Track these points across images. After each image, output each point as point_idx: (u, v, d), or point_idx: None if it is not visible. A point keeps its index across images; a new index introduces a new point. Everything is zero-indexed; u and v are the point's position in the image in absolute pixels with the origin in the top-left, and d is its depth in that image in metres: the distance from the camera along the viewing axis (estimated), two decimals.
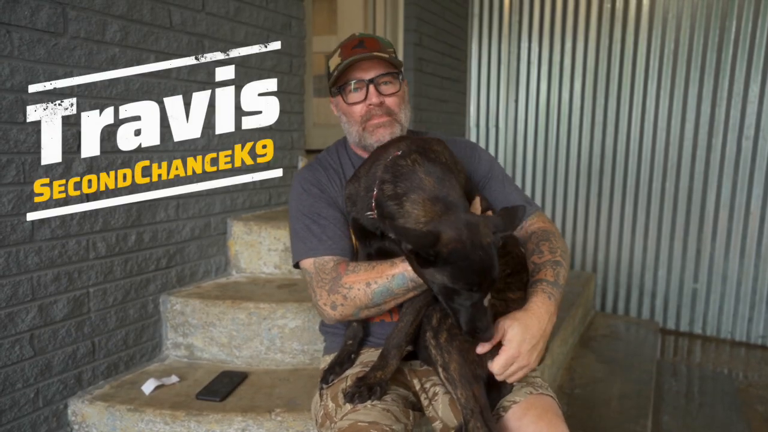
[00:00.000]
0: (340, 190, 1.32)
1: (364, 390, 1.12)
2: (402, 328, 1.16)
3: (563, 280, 1.21)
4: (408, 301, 1.16)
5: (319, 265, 1.23)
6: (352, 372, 1.24)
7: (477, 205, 1.18)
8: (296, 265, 1.30)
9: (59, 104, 1.38)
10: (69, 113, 1.52)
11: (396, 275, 1.11)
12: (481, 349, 1.07)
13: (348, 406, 1.12)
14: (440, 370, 1.10)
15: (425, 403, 1.26)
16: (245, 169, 2.23)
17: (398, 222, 1.04)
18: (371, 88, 1.26)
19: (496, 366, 1.08)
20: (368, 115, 1.27)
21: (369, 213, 1.13)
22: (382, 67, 1.27)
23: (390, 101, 1.28)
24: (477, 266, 0.96)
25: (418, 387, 1.29)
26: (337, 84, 1.29)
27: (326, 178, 1.33)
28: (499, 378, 1.10)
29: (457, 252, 0.95)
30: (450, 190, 1.04)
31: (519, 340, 1.08)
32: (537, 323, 1.10)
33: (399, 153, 1.11)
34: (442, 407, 1.21)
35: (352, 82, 1.26)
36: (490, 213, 1.19)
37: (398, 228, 0.96)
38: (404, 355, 1.21)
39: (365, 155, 1.34)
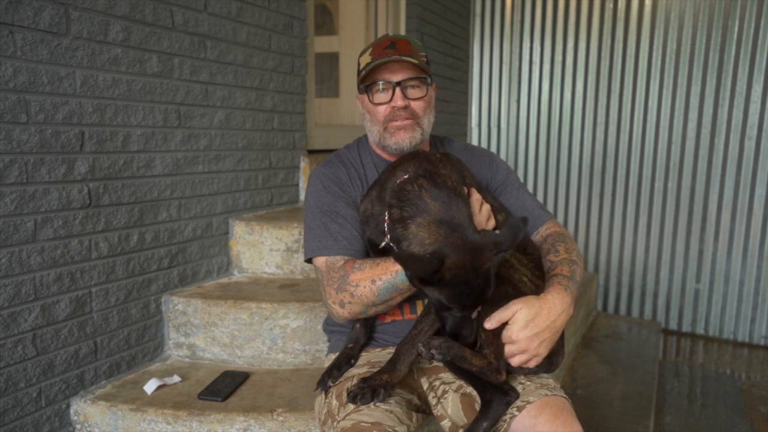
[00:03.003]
0: (360, 189, 1.33)
1: (367, 391, 1.12)
2: (415, 335, 1.16)
3: (579, 277, 1.23)
4: (423, 311, 1.17)
5: (330, 264, 1.24)
6: (359, 372, 1.24)
7: (476, 195, 1.18)
8: (309, 260, 1.32)
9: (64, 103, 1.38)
10: (72, 112, 1.53)
11: (399, 270, 1.11)
12: (489, 324, 1.10)
13: (351, 406, 1.12)
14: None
15: (433, 402, 1.25)
16: (247, 169, 2.24)
17: (403, 245, 1.06)
18: (398, 90, 1.27)
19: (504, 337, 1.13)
20: (391, 117, 1.28)
21: (383, 242, 1.15)
22: (411, 71, 1.28)
23: (415, 105, 1.29)
24: (474, 292, 1.00)
25: (426, 386, 1.29)
26: (365, 82, 1.30)
27: (347, 176, 1.34)
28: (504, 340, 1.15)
29: (458, 278, 0.98)
30: (456, 213, 1.04)
31: (521, 326, 1.09)
32: (546, 313, 1.11)
33: (405, 177, 1.12)
34: (451, 405, 1.21)
35: (380, 82, 1.28)
36: (487, 208, 1.21)
37: (400, 256, 0.98)
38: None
39: (385, 155, 1.37)
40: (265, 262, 2.12)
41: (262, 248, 2.11)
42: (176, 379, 1.71)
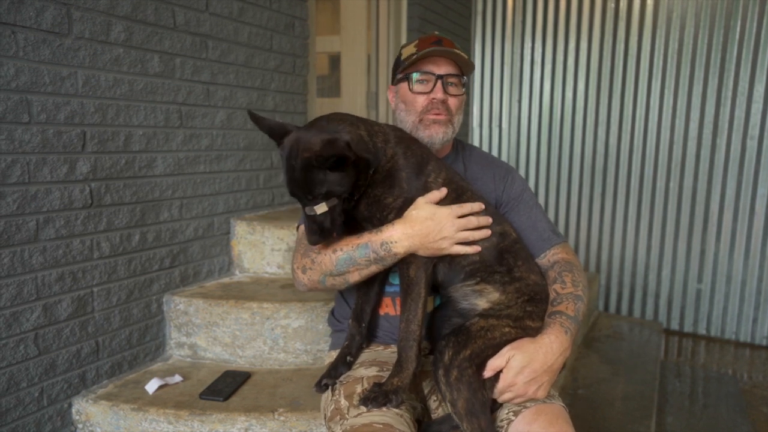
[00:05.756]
0: None
1: (379, 396, 1.11)
2: (414, 331, 1.15)
3: (582, 316, 1.21)
4: (407, 303, 1.16)
5: (304, 232, 1.28)
6: (367, 373, 1.23)
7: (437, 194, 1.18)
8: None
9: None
10: (74, 112, 1.53)
11: (360, 245, 1.14)
12: (486, 374, 1.10)
13: (362, 407, 1.12)
14: (449, 404, 1.12)
15: (434, 405, 1.26)
16: (248, 169, 2.25)
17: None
18: (439, 83, 1.29)
19: (494, 390, 1.12)
20: (428, 108, 1.29)
21: None
22: (454, 68, 1.30)
23: (452, 102, 1.31)
24: (288, 173, 1.08)
25: (428, 390, 1.29)
26: (407, 71, 1.31)
27: None
28: (497, 399, 1.13)
29: (283, 151, 1.09)
30: (326, 123, 1.13)
31: (516, 372, 1.09)
32: (543, 358, 1.11)
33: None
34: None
35: (420, 73, 1.29)
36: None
37: (257, 120, 1.12)
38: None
39: None
40: (266, 262, 2.12)
41: (264, 248, 2.11)
42: (177, 378, 1.71)
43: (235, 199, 2.16)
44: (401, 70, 1.33)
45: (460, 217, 1.16)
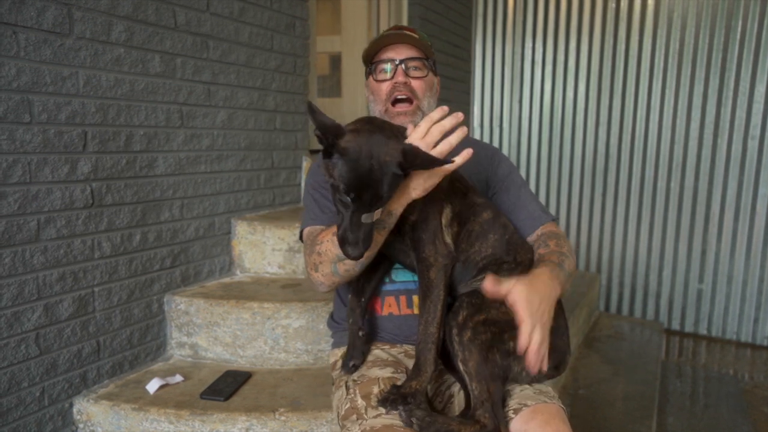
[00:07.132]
0: None
1: (397, 398, 1.11)
2: (432, 333, 1.14)
3: (569, 267, 1.21)
4: (425, 306, 1.14)
5: (310, 232, 1.28)
6: (383, 374, 1.23)
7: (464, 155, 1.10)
8: (301, 237, 1.35)
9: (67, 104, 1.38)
10: (75, 112, 1.53)
11: None
12: (488, 286, 1.05)
13: (380, 408, 1.12)
14: (460, 364, 1.12)
15: (439, 407, 1.26)
16: (249, 169, 2.25)
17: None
18: (400, 68, 1.31)
19: (522, 337, 1.05)
20: (391, 93, 1.31)
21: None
22: (414, 52, 1.33)
23: (416, 84, 1.32)
24: (361, 172, 0.98)
25: (432, 392, 1.29)
26: (371, 62, 1.35)
27: None
28: (522, 349, 1.06)
29: (349, 152, 0.98)
30: (383, 123, 1.08)
31: (526, 298, 1.05)
32: (541, 284, 1.10)
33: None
34: (458, 410, 1.21)
35: (386, 62, 1.32)
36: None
37: (314, 112, 1.00)
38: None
39: None
40: (267, 262, 2.12)
41: (265, 248, 2.11)
42: (178, 378, 1.71)
43: (236, 199, 2.16)
44: (365, 63, 1.38)
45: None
